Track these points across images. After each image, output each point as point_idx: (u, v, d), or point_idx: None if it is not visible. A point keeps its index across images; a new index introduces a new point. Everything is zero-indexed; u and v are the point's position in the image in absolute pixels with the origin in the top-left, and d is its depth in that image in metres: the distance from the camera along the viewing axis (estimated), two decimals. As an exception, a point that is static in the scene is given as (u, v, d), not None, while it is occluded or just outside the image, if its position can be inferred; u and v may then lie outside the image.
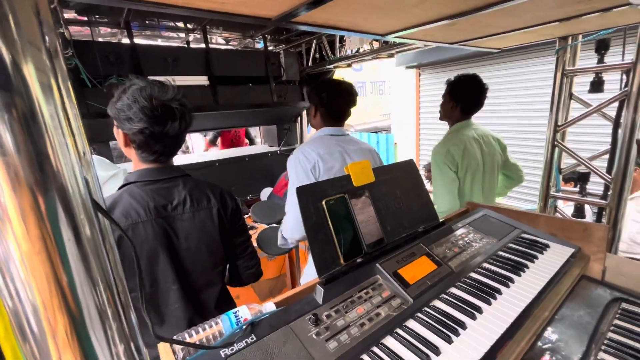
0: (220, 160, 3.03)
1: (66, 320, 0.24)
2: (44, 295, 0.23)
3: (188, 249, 0.99)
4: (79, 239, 0.25)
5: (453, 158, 1.71)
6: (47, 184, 0.23)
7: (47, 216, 0.23)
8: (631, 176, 1.57)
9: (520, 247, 1.02)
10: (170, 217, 0.97)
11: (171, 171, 1.03)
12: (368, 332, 0.67)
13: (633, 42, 1.51)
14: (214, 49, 2.72)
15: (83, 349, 0.25)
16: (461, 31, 1.30)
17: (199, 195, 1.03)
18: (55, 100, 0.25)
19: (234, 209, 1.11)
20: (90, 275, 0.26)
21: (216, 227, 1.04)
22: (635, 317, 0.91)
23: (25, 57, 0.23)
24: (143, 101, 0.89)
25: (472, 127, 1.82)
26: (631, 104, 1.51)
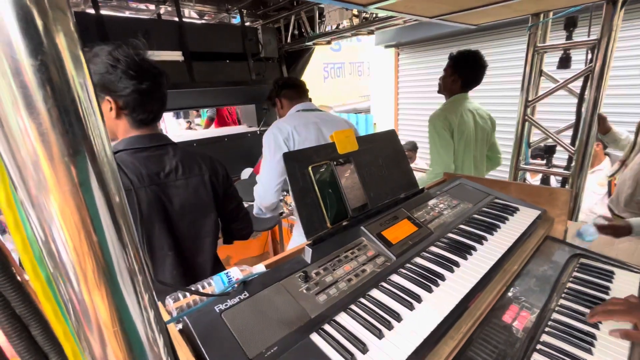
0: (198, 140, 2.96)
1: (94, 265, 0.25)
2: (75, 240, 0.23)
3: (183, 215, 0.99)
4: (108, 198, 0.25)
5: (450, 125, 1.80)
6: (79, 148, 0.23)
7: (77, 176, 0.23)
8: (592, 147, 1.69)
9: (493, 211, 1.10)
10: (163, 184, 0.96)
11: (160, 138, 1.01)
12: (355, 286, 0.71)
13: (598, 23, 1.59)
14: (188, 23, 2.59)
15: (112, 294, 0.26)
16: (441, 3, 1.32)
17: (191, 163, 1.03)
18: (84, 71, 0.24)
19: (225, 176, 1.13)
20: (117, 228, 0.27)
21: (209, 194, 1.06)
22: (591, 269, 1.01)
23: (56, 23, 0.22)
24: (125, 59, 0.86)
25: (468, 100, 1.90)
26: (594, 79, 1.61)
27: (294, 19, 2.98)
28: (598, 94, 1.64)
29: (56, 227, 0.23)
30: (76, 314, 0.24)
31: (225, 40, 2.77)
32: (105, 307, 0.25)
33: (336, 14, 2.66)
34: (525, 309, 0.83)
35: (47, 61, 0.21)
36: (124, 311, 0.26)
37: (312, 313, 0.62)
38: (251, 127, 3.46)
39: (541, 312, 0.82)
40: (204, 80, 2.62)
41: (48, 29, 0.21)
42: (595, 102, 1.65)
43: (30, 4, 0.20)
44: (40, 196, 0.22)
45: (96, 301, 0.24)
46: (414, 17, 1.67)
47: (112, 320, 0.25)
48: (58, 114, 0.22)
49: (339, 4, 1.22)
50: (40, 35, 0.20)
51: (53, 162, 0.22)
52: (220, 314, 0.59)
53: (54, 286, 0.24)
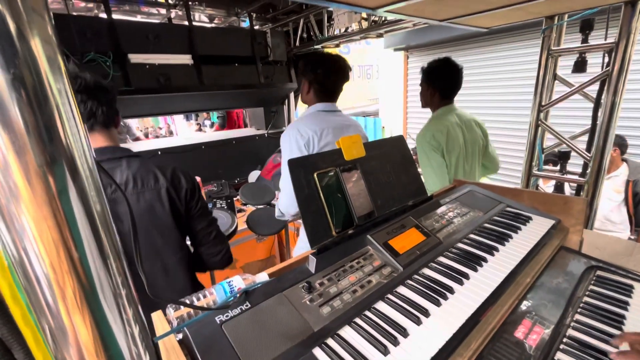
0: (206, 143, 2.98)
1: (75, 285, 0.23)
2: (52, 259, 0.22)
3: (135, 234, 0.94)
4: (89, 209, 0.24)
5: (438, 143, 1.72)
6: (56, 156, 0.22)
7: (55, 186, 0.22)
8: (609, 154, 1.63)
9: (505, 220, 1.06)
10: (111, 201, 0.89)
11: (113, 151, 0.94)
12: (360, 297, 0.68)
13: (616, 25, 1.54)
14: (197, 27, 2.62)
15: (93, 313, 0.25)
16: (451, 6, 1.29)
17: (145, 175, 0.94)
18: (63, 75, 0.23)
19: (189, 190, 1.01)
20: (97, 239, 0.25)
21: (167, 210, 0.96)
22: (609, 283, 0.96)
23: (31, 27, 0.20)
24: None
25: (455, 112, 1.82)
26: (612, 83, 1.55)
27: (302, 23, 2.99)
28: (615, 98, 1.58)
29: (31, 243, 0.21)
30: (54, 338, 0.23)
31: (234, 43, 2.79)
32: (86, 329, 0.23)
33: (345, 17, 2.65)
34: (538, 324, 0.79)
35: (20, 70, 0.19)
36: (106, 330, 0.25)
37: (315, 326, 0.60)
38: (259, 129, 3.47)
39: (556, 328, 0.78)
40: (213, 83, 2.64)
41: (22, 34, 0.20)
42: (612, 107, 1.60)
43: (2, 6, 0.19)
44: (11, 208, 0.21)
45: (77, 323, 0.23)
46: (423, 21, 1.64)
47: (94, 342, 0.24)
48: (34, 121, 0.20)
49: (348, 7, 1.21)
50: (14, 41, 0.19)
51: (28, 172, 0.20)
52: (220, 325, 0.58)
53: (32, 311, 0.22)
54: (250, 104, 3.41)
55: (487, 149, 1.92)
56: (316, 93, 1.49)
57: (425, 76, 1.81)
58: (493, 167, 1.98)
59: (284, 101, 3.39)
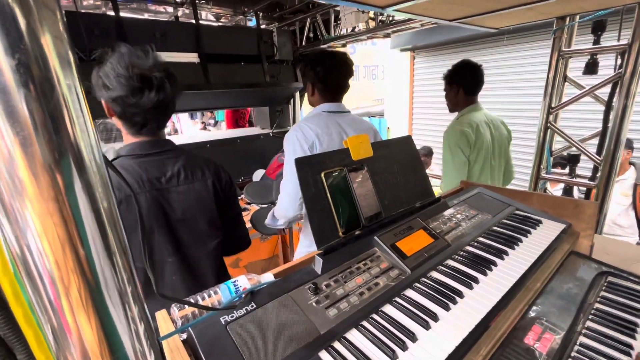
0: (211, 141, 2.98)
1: (80, 283, 0.23)
2: (57, 256, 0.21)
3: (184, 220, 0.98)
4: (95, 205, 0.23)
5: (467, 139, 1.72)
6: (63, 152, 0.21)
7: (62, 181, 0.21)
8: (620, 158, 1.60)
9: (514, 223, 1.04)
10: (164, 190, 0.95)
11: (164, 144, 1.01)
12: (367, 300, 0.67)
13: (629, 26, 1.51)
14: (204, 25, 2.61)
15: (98, 311, 0.24)
16: (461, 6, 1.27)
17: (194, 168, 1.02)
18: (73, 71, 0.22)
19: (228, 182, 1.11)
20: (104, 236, 0.24)
21: (212, 199, 1.04)
22: (620, 289, 0.94)
23: (42, 23, 0.20)
24: (120, 69, 0.86)
25: (483, 111, 1.85)
26: (624, 86, 1.52)
27: (309, 22, 2.98)
28: (627, 101, 1.55)
29: (35, 240, 0.20)
30: (57, 338, 0.22)
31: (240, 42, 2.79)
32: (90, 328, 0.23)
33: (352, 17, 2.63)
34: (549, 331, 0.77)
35: (27, 61, 0.19)
36: (111, 330, 0.24)
37: (321, 328, 0.59)
38: (264, 129, 3.47)
39: (567, 335, 0.77)
40: (219, 82, 2.63)
41: (32, 29, 0.19)
42: (624, 110, 1.57)
43: (13, 2, 0.18)
44: (15, 204, 0.20)
45: (81, 322, 0.22)
46: (432, 20, 1.62)
47: (98, 341, 0.23)
48: (42, 117, 0.19)
49: (357, 5, 1.19)
50: (22, 34, 0.19)
51: (35, 168, 0.20)
52: (225, 326, 0.57)
53: (35, 311, 0.22)
54: (255, 103, 3.40)
55: (508, 154, 1.92)
56: (320, 92, 1.45)
57: (449, 78, 1.87)
58: (510, 174, 1.98)
59: (289, 101, 3.38)
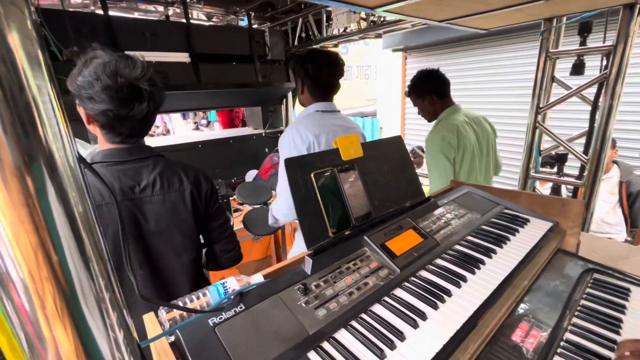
0: (203, 142, 2.96)
1: (55, 291, 0.22)
2: (30, 265, 0.21)
3: (159, 232, 0.94)
4: (69, 210, 0.23)
5: (449, 144, 1.70)
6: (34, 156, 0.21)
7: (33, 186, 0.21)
8: (606, 156, 1.64)
9: (502, 222, 1.06)
10: (137, 200, 0.91)
11: (141, 151, 0.95)
12: (357, 300, 0.67)
13: (614, 28, 1.54)
14: (195, 25, 2.60)
15: (74, 321, 0.24)
16: (450, 7, 1.28)
17: (171, 177, 0.97)
18: (43, 71, 0.22)
19: (209, 192, 1.05)
20: (79, 242, 0.24)
21: (189, 210, 0.99)
22: (606, 286, 0.96)
23: (8, 20, 0.20)
24: (106, 79, 0.80)
25: (462, 112, 1.82)
26: (609, 86, 1.55)
27: (301, 22, 2.97)
28: (613, 101, 1.59)
29: (7, 248, 0.20)
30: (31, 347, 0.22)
31: (232, 42, 2.77)
32: (67, 339, 0.22)
33: (344, 17, 2.64)
34: (535, 328, 0.78)
35: None
36: (89, 338, 0.24)
37: (310, 329, 0.59)
38: (257, 129, 3.46)
39: (553, 332, 0.78)
40: (211, 82, 2.62)
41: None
42: (610, 110, 1.60)
43: None
44: None
45: (57, 332, 0.22)
46: (422, 21, 1.64)
47: (76, 353, 0.22)
48: (10, 119, 0.19)
49: (348, 6, 1.20)
50: None
51: (3, 172, 0.19)
52: (214, 327, 0.56)
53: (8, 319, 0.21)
54: (248, 103, 3.39)
55: (495, 151, 1.91)
56: (311, 91, 1.44)
57: (416, 92, 1.86)
58: (497, 170, 1.97)
59: (282, 101, 3.37)
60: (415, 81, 1.87)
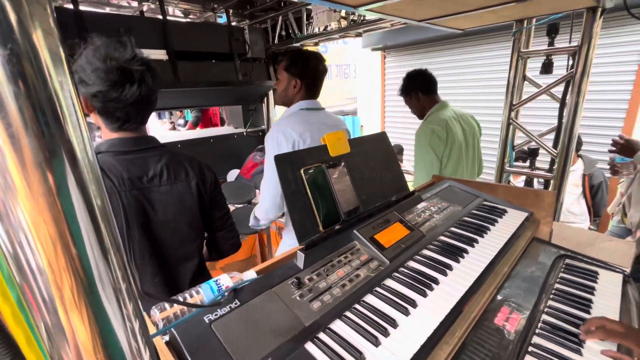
0: (183, 141, 2.88)
1: (73, 281, 0.22)
2: (49, 255, 0.21)
3: (166, 222, 0.95)
4: (89, 203, 0.23)
5: (439, 137, 1.77)
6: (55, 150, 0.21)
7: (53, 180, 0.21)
8: (573, 150, 1.74)
9: (483, 213, 1.11)
10: (146, 189, 0.92)
11: (147, 141, 0.97)
12: (349, 291, 0.69)
13: (579, 29, 1.64)
14: (172, 21, 2.53)
15: (93, 310, 0.24)
16: (429, 7, 1.33)
17: (177, 168, 0.98)
18: (64, 69, 0.22)
19: (213, 182, 1.08)
20: (98, 234, 0.24)
21: (195, 201, 1.01)
22: (577, 270, 1.03)
23: (33, 18, 0.20)
24: (97, 62, 0.81)
25: (450, 108, 1.91)
26: (575, 84, 1.66)
27: (281, 20, 2.96)
28: (579, 98, 1.69)
29: (27, 240, 0.20)
30: (51, 336, 0.21)
31: (211, 39, 2.72)
32: (85, 328, 0.22)
33: (324, 15, 2.65)
34: (515, 311, 0.83)
35: (19, 52, 0.18)
36: (106, 328, 0.24)
37: (306, 321, 0.60)
38: (237, 128, 3.41)
39: (531, 314, 0.83)
40: (189, 80, 2.56)
41: (23, 23, 0.19)
42: (576, 107, 1.70)
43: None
44: (7, 204, 0.19)
45: (75, 323, 0.22)
46: (402, 20, 1.68)
47: (92, 341, 0.23)
48: (32, 113, 0.19)
49: (329, 4, 1.21)
50: (12, 27, 0.18)
51: (24, 166, 0.19)
52: (209, 324, 0.56)
53: (25, 309, 0.21)
54: (228, 102, 3.33)
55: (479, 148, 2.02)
56: (300, 89, 1.45)
57: (405, 90, 1.99)
58: (479, 168, 2.08)
59: (263, 99, 3.34)
60: (404, 80, 1.98)
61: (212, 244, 1.17)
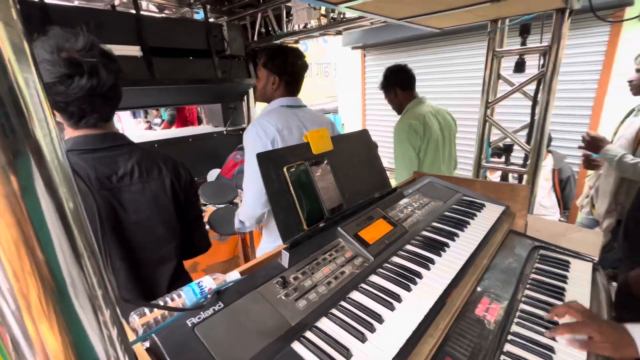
0: (160, 141, 2.79)
1: (40, 289, 0.20)
2: (11, 260, 0.19)
3: (138, 222, 0.91)
4: (60, 206, 0.21)
5: (416, 131, 1.84)
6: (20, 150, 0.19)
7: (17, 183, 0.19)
8: (545, 146, 1.82)
9: (462, 207, 1.14)
10: (115, 189, 0.88)
11: (115, 138, 0.91)
12: (335, 289, 0.69)
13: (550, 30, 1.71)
14: (147, 16, 2.44)
15: (65, 319, 0.22)
16: (408, 5, 1.34)
17: (149, 165, 0.94)
18: (30, 64, 0.20)
19: (188, 181, 1.04)
20: (71, 239, 0.22)
21: (170, 199, 0.97)
22: (550, 260, 1.08)
23: None
24: (44, 54, 0.76)
25: (427, 103, 1.99)
26: (546, 82, 1.73)
27: (260, 17, 2.92)
28: (550, 96, 1.77)
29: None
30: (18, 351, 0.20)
31: (188, 36, 2.64)
32: (55, 339, 0.21)
33: (304, 13, 2.63)
34: (495, 302, 0.86)
35: None
36: (80, 337, 0.22)
37: (292, 320, 0.60)
38: (217, 127, 3.34)
39: (509, 304, 0.86)
40: (166, 77, 2.48)
41: None
42: (547, 104, 1.78)
43: None
44: None
45: (44, 333, 0.20)
46: (382, 18, 1.69)
47: (64, 352, 0.21)
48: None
49: (310, 1, 1.20)
50: None
51: None
52: (192, 328, 0.55)
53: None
54: (206, 100, 3.25)
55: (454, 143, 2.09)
56: (283, 86, 1.43)
57: (385, 85, 2.06)
58: (454, 162, 2.17)
59: (243, 97, 3.29)
60: (384, 74, 2.04)
61: (187, 244, 1.13)
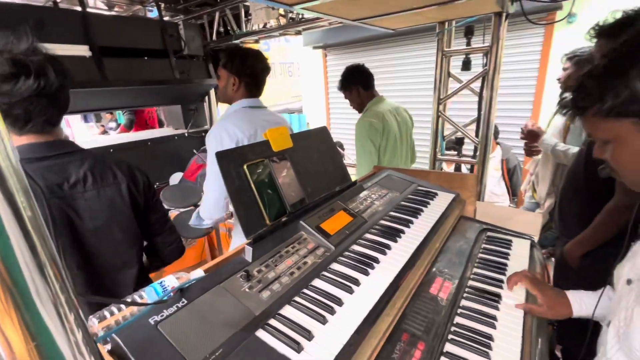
0: (116, 145, 2.65)
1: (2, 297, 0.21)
2: None
3: (96, 229, 0.89)
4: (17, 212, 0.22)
5: (376, 129, 1.93)
6: None
7: None
8: (491, 138, 1.99)
9: (417, 197, 1.22)
10: (68, 197, 0.85)
11: (63, 145, 0.88)
12: (298, 278, 0.72)
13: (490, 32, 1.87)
14: (94, 14, 2.31)
15: (34, 329, 0.23)
16: (361, 7, 1.41)
17: (103, 171, 0.92)
18: None
19: (146, 184, 1.02)
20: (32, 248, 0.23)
21: (127, 204, 0.95)
22: (496, 240, 1.19)
23: None
24: None
25: (386, 102, 2.09)
26: (489, 80, 1.88)
27: (218, 16, 2.87)
28: (492, 92, 1.93)
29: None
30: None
31: (142, 35, 2.53)
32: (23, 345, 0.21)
33: (262, 12, 2.63)
34: (447, 280, 0.94)
35: None
36: (48, 343, 0.23)
37: (256, 310, 0.62)
38: (178, 129, 3.24)
39: (460, 281, 0.94)
40: (119, 78, 2.36)
41: None
42: (491, 100, 1.94)
43: None
44: None
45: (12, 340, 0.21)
46: (338, 19, 1.75)
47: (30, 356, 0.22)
48: None
49: (265, 2, 1.22)
50: None
51: None
52: (155, 325, 0.55)
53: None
54: (165, 102, 3.13)
55: (412, 139, 2.21)
56: (243, 87, 1.43)
57: (344, 85, 2.13)
58: (412, 156, 2.29)
59: (204, 98, 3.21)
60: (343, 74, 2.10)
61: (151, 251, 1.11)
